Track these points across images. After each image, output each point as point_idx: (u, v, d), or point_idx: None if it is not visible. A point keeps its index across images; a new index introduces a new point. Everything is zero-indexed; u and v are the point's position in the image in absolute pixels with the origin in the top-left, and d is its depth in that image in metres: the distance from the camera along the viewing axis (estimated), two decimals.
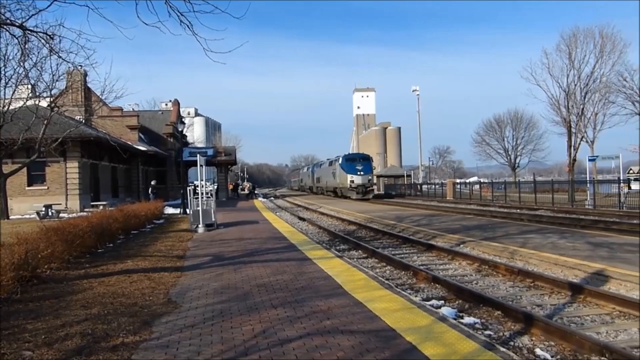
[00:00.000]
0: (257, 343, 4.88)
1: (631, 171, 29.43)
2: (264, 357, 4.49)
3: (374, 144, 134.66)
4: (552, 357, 5.10)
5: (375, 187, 49.77)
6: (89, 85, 28.57)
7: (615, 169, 31.57)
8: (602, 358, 4.88)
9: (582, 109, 39.29)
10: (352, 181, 42.11)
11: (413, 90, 57.22)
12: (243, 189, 74.87)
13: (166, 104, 77.09)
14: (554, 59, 41.06)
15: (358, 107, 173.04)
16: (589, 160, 33.77)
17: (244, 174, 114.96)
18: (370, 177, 43.48)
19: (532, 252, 10.55)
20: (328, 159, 57.96)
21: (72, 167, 27.68)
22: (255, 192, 64.82)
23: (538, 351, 5.24)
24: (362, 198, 40.80)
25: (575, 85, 40.38)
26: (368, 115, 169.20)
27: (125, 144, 34.35)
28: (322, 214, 27.48)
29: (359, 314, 5.88)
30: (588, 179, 31.60)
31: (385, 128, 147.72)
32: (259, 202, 41.22)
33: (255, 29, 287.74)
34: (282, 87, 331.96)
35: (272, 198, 54.82)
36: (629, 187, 26.10)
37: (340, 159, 45.00)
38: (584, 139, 39.74)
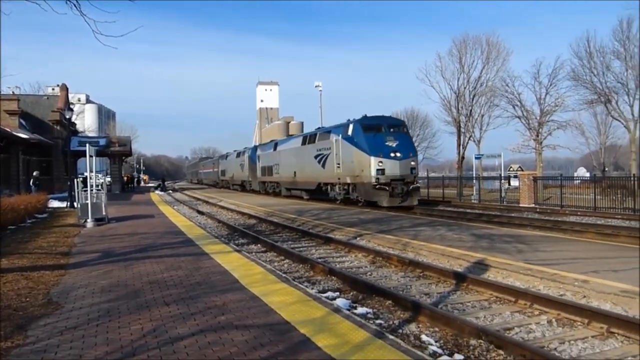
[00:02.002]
0: (146, 342, 4.68)
1: (511, 169, 31.98)
2: (152, 356, 4.32)
3: (277, 138, 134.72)
4: (435, 342, 5.40)
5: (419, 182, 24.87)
6: None
7: (497, 167, 34.24)
8: (479, 340, 5.26)
9: (471, 110, 42.22)
10: (380, 170, 20.97)
11: (316, 86, 57.91)
12: (139, 182, 71.69)
13: (53, 89, 71.37)
14: (446, 62, 43.68)
15: (261, 101, 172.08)
16: (475, 158, 36.29)
17: (140, 166, 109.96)
18: (414, 163, 22.16)
19: (422, 243, 11.11)
20: (235, 151, 52.36)
21: None
22: (165, 184, 62.17)
23: (424, 337, 5.53)
24: (400, 205, 21.07)
25: (465, 88, 43.28)
26: (271, 109, 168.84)
27: (3, 130, 31.36)
28: (222, 207, 27.02)
29: (254, 308, 5.85)
30: (474, 175, 34.05)
31: (289, 122, 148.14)
32: (155, 196, 39.63)
33: (154, 12, 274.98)
34: (183, 76, 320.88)
35: (170, 191, 52.88)
36: (509, 184, 28.42)
37: (352, 127, 22.88)
38: (471, 138, 42.75)
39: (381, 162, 21.03)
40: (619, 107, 38.07)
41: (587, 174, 42.01)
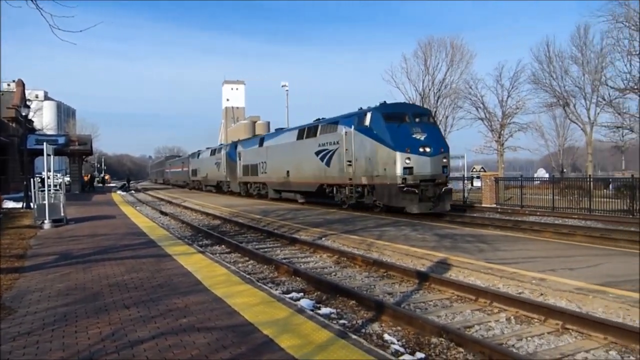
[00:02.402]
0: (104, 347, 4.57)
1: (474, 169, 32.67)
2: None
3: (243, 137, 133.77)
4: (398, 340, 5.46)
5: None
6: None
7: (461, 167, 34.91)
8: (440, 338, 5.35)
9: (435, 111, 42.84)
10: (407, 169, 17.25)
11: (282, 86, 57.70)
12: (104, 182, 69.90)
13: (8, 84, 68.82)
14: (411, 64, 44.33)
15: (227, 100, 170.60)
16: None
17: (101, 165, 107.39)
18: (445, 160, 18.23)
19: (387, 243, 11.22)
20: (208, 148, 48.31)
21: None
22: (129, 184, 60.75)
23: (386, 336, 5.58)
24: (431, 212, 17.44)
25: (430, 89, 44.02)
26: (237, 108, 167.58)
27: None
28: (186, 208, 26.64)
29: (217, 310, 5.79)
30: None
31: (255, 122, 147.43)
32: (117, 196, 38.76)
33: (116, 8, 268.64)
34: (146, 74, 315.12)
35: (132, 191, 51.81)
36: (472, 184, 29.03)
37: (369, 116, 18.80)
38: None
39: (409, 158, 17.11)
40: (577, 110, 39.44)
41: (547, 175, 43.37)
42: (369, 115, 18.78)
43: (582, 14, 58.16)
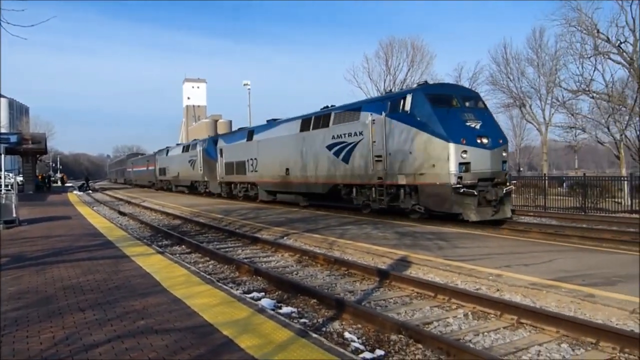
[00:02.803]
0: (57, 351, 4.43)
1: None
2: None
3: (205, 136, 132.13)
4: (358, 338, 5.50)
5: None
6: None
7: None
8: (400, 335, 5.42)
9: None
10: (463, 165, 13.85)
11: (244, 84, 57.29)
12: (55, 181, 67.64)
13: None
14: (373, 64, 44.76)
15: (188, 98, 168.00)
16: None
17: (56, 165, 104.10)
18: (505, 154, 15.27)
19: (348, 242, 11.29)
20: (178, 144, 45.15)
21: None
22: (88, 184, 58.89)
23: (347, 334, 5.62)
24: (494, 218, 14.16)
25: (391, 89, 44.41)
26: (199, 106, 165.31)
27: None
28: (146, 208, 26.12)
29: (176, 311, 5.70)
30: None
31: (217, 121, 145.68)
32: (73, 196, 37.64)
33: (70, 3, 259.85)
34: (104, 71, 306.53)
35: (90, 191, 50.42)
36: None
37: (410, 99, 15.09)
38: None
39: (465, 151, 13.72)
40: (532, 111, 40.63)
41: None
42: (409, 98, 14.97)
43: (538, 17, 59.89)
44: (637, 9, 28.18)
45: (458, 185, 13.45)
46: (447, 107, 14.52)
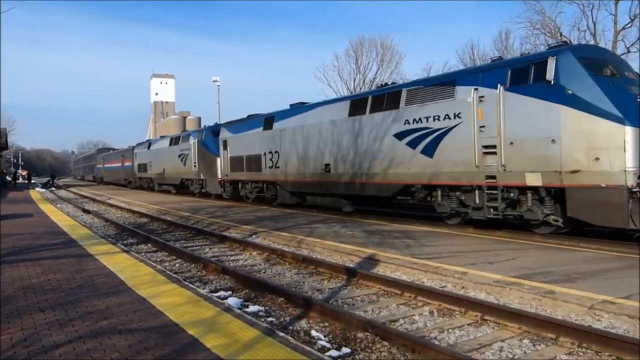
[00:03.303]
0: (15, 353, 4.31)
1: None
2: None
3: (173, 133, 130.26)
4: (325, 336, 5.52)
5: None
6: None
7: None
8: (366, 333, 5.46)
9: None
10: None
11: (214, 81, 56.68)
12: (26, 178, 65.56)
13: None
14: (343, 63, 44.98)
15: (156, 94, 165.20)
16: None
17: (18, 161, 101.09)
18: None
19: (317, 240, 11.31)
20: (163, 136, 40.36)
21: None
22: (54, 181, 57.12)
23: (313, 332, 5.63)
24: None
25: (361, 88, 44.79)
26: (167, 102, 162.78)
27: None
28: (111, 205, 25.61)
29: (141, 311, 5.61)
30: None
31: (185, 117, 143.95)
32: (35, 193, 36.63)
33: None
34: (69, 66, 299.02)
35: (53, 188, 49.11)
36: None
37: (553, 64, 10.39)
38: None
39: None
40: None
41: None
42: (551, 64, 10.60)
43: (504, 20, 61.29)
44: (597, 14, 29.08)
45: (638, 189, 9.43)
46: (609, 77, 10.61)
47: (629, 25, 28.59)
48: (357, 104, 16.18)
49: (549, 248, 9.84)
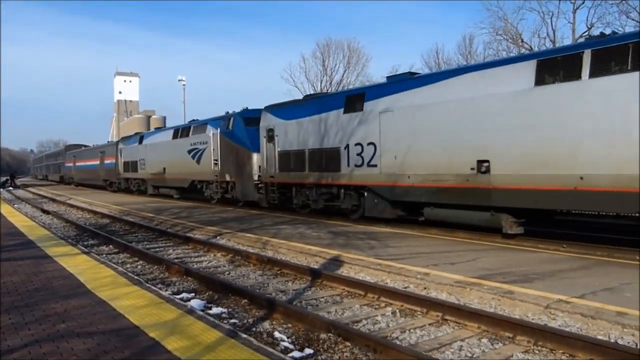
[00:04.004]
0: None
1: None
2: None
3: (142, 132, 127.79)
4: (288, 338, 5.53)
5: None
6: None
7: None
8: (329, 334, 5.49)
9: None
10: None
11: (179, 80, 55.95)
12: None
13: None
14: (310, 64, 45.09)
15: (120, 92, 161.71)
16: None
17: None
18: None
19: (282, 241, 11.30)
20: (158, 128, 35.64)
21: None
22: (14, 181, 54.93)
23: (276, 334, 5.63)
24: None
25: (328, 90, 44.92)
26: (131, 101, 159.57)
27: None
28: (72, 206, 24.96)
29: (100, 313, 5.51)
30: None
31: (150, 116, 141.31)
32: None
33: None
34: (30, 61, 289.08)
35: (10, 188, 47.51)
36: None
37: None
38: None
39: None
40: None
41: None
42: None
43: (468, 25, 62.69)
44: (556, 22, 29.99)
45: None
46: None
47: (586, 33, 29.57)
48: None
49: (509, 249, 10.10)
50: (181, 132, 25.96)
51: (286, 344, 5.33)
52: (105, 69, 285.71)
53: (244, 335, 4.82)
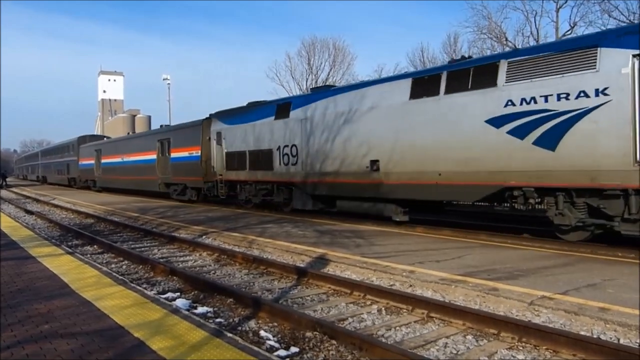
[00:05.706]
0: None
1: None
2: None
3: (122, 132, 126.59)
4: (273, 336, 5.53)
5: None
6: None
7: None
8: (315, 332, 5.50)
9: None
10: None
11: (164, 79, 55.49)
12: None
13: None
14: (295, 63, 45.05)
15: (104, 92, 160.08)
16: None
17: None
18: None
19: (268, 240, 11.29)
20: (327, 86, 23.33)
21: None
22: (5, 181, 53.76)
23: (262, 333, 5.62)
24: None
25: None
26: (115, 100, 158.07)
27: None
28: (56, 206, 24.67)
29: (84, 314, 5.46)
30: None
31: (134, 115, 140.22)
32: None
33: None
34: (12, 61, 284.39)
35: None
36: None
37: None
38: None
39: None
40: None
41: None
42: None
43: (452, 24, 62.83)
44: (540, 21, 30.30)
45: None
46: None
47: (569, 32, 29.92)
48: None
49: (494, 246, 10.19)
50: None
51: (272, 342, 5.33)
52: (86, 69, 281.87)
53: (230, 335, 4.80)
